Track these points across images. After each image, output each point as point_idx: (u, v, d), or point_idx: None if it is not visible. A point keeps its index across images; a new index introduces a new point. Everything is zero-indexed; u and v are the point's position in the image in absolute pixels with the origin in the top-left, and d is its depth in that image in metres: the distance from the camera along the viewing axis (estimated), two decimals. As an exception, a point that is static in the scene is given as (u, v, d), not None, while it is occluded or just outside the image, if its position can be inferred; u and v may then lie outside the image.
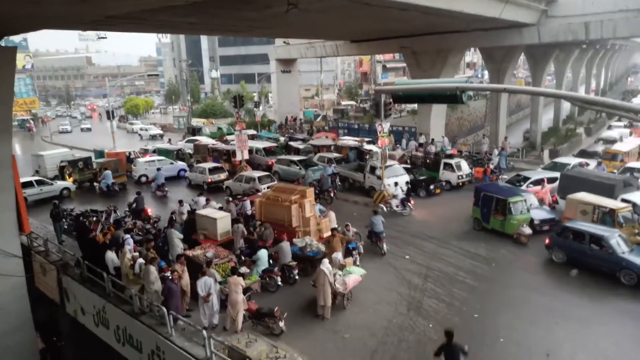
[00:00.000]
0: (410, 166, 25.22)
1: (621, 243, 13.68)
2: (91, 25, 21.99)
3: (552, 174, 21.17)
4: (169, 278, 11.70)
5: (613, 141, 30.94)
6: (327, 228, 16.00)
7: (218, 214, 15.95)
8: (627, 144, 27.79)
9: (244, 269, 12.84)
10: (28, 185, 23.39)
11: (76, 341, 15.54)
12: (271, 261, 14.02)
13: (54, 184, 25.25)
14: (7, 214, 14.60)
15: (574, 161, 23.88)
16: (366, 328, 11.69)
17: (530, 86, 42.77)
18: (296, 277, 13.88)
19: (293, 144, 31.63)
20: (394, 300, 12.96)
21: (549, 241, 15.19)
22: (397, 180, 21.45)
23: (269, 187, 20.70)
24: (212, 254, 13.64)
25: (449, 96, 10.83)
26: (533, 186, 20.14)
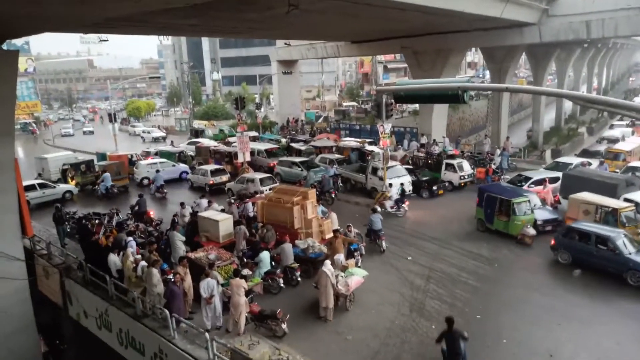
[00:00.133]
0: (412, 167, 25.19)
1: (627, 244, 13.61)
2: (92, 27, 22.07)
3: (554, 174, 21.13)
4: (171, 280, 11.74)
5: (615, 140, 30.91)
6: (329, 229, 15.98)
7: (220, 216, 15.94)
8: (630, 143, 27.69)
9: (246, 271, 12.83)
10: (31, 188, 23.41)
11: (79, 344, 15.59)
12: (273, 263, 14.01)
13: (57, 187, 25.27)
14: (9, 216, 14.66)
15: (576, 161, 23.81)
16: (369, 329, 11.67)
17: (532, 85, 42.70)
18: (298, 278, 13.86)
19: (295, 145, 31.55)
20: (397, 302, 12.94)
21: (554, 242, 15.08)
22: (400, 182, 21.45)
23: (270, 189, 20.69)
24: (215, 256, 13.65)
25: (450, 96, 10.79)
26: (535, 186, 20.10)
